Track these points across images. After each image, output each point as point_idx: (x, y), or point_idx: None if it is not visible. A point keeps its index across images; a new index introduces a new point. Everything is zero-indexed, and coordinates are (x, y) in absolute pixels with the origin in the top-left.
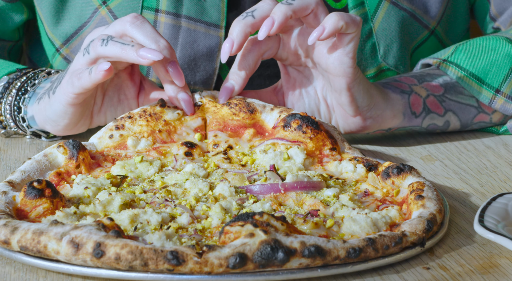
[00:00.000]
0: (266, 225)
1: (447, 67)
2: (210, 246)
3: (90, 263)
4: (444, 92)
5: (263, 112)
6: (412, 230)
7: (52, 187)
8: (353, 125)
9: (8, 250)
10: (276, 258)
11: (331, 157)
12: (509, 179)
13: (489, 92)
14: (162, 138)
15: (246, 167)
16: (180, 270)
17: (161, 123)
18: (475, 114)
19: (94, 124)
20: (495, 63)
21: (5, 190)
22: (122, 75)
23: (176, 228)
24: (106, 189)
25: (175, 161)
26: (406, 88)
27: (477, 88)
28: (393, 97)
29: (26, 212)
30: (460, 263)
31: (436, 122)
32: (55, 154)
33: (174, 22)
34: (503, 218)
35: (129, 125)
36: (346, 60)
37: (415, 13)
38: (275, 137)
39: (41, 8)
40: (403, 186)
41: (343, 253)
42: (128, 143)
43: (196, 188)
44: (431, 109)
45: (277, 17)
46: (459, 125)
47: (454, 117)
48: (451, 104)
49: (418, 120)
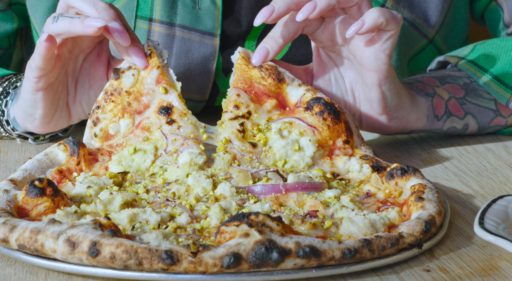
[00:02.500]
0: (261, 225)
1: (465, 65)
2: (205, 246)
3: (86, 262)
4: (464, 95)
5: (290, 85)
6: (410, 231)
7: (53, 185)
8: (377, 124)
9: (7, 248)
10: (271, 258)
11: (343, 150)
12: (509, 181)
13: (507, 93)
14: (135, 109)
15: (257, 147)
16: (174, 269)
17: (125, 95)
18: (492, 118)
19: (74, 117)
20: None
21: (7, 188)
22: (90, 58)
23: (175, 228)
24: (108, 188)
25: (165, 139)
26: (430, 90)
27: (496, 88)
28: (419, 100)
29: (27, 210)
30: (460, 265)
31: (456, 125)
32: (56, 152)
33: (168, 31)
34: (503, 220)
35: (102, 115)
36: (382, 57)
37: (415, 22)
38: (294, 116)
39: (35, 18)
40: (406, 188)
41: (338, 254)
42: (111, 132)
43: (199, 186)
44: (452, 112)
45: (320, 3)
46: (477, 129)
47: (473, 121)
48: (471, 107)
49: (440, 124)
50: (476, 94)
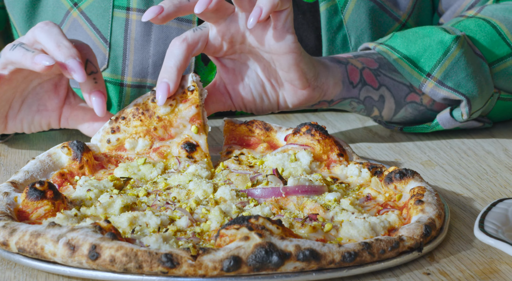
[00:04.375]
0: (261, 228)
1: (383, 49)
2: (205, 249)
3: (86, 265)
4: (379, 67)
5: (279, 131)
6: (410, 234)
7: (54, 188)
8: (302, 97)
9: (7, 251)
10: (271, 261)
11: (339, 163)
12: (509, 184)
13: (420, 76)
14: (159, 136)
15: (254, 167)
16: (174, 272)
17: (155, 120)
18: (407, 93)
19: (10, 130)
20: (429, 49)
21: (7, 191)
22: (46, 86)
23: (175, 231)
24: (108, 191)
25: (178, 164)
26: (343, 60)
27: (410, 71)
28: (332, 66)
29: (27, 213)
30: (460, 268)
31: (372, 95)
32: (59, 154)
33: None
34: (503, 224)
35: (124, 127)
36: (289, 37)
37: (385, 5)
38: (286, 144)
39: (13, 15)
40: (405, 191)
41: (338, 257)
42: (126, 146)
43: (200, 189)
44: (366, 82)
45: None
46: (393, 103)
47: (388, 93)
48: (385, 79)
49: (355, 91)
50: (390, 68)
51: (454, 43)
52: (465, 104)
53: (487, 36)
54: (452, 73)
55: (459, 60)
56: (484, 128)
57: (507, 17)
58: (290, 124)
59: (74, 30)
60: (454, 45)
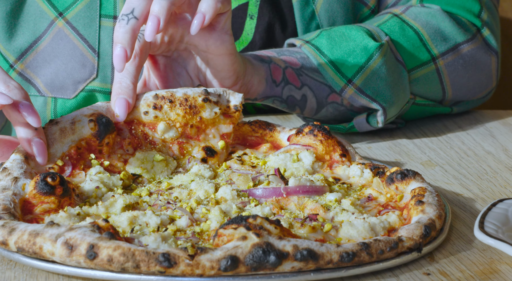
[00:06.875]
0: (259, 228)
1: (308, 49)
2: (202, 249)
3: (84, 265)
4: (301, 67)
5: (282, 132)
6: (409, 235)
7: (64, 184)
8: None
9: (7, 250)
10: (268, 261)
11: (341, 163)
12: (509, 185)
13: (342, 81)
14: (189, 133)
15: (256, 167)
16: (171, 272)
17: (196, 119)
18: (328, 93)
19: None
20: (352, 54)
21: (16, 175)
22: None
23: (174, 231)
24: (114, 190)
25: (187, 163)
26: (266, 58)
27: (332, 75)
28: (256, 64)
29: (32, 204)
30: (461, 268)
31: (294, 95)
32: (83, 123)
33: None
34: (504, 224)
35: (167, 109)
36: (227, 38)
37: None
38: (289, 144)
39: None
40: (406, 191)
41: (336, 257)
42: (160, 127)
43: (202, 189)
44: (289, 81)
45: (162, 15)
46: (315, 103)
47: (310, 93)
48: (308, 79)
49: (278, 90)
50: (312, 69)
51: (377, 51)
52: (381, 114)
53: (409, 42)
54: (371, 82)
55: (380, 68)
56: (484, 129)
57: (429, 21)
58: (291, 124)
59: (59, 40)
60: (377, 53)
